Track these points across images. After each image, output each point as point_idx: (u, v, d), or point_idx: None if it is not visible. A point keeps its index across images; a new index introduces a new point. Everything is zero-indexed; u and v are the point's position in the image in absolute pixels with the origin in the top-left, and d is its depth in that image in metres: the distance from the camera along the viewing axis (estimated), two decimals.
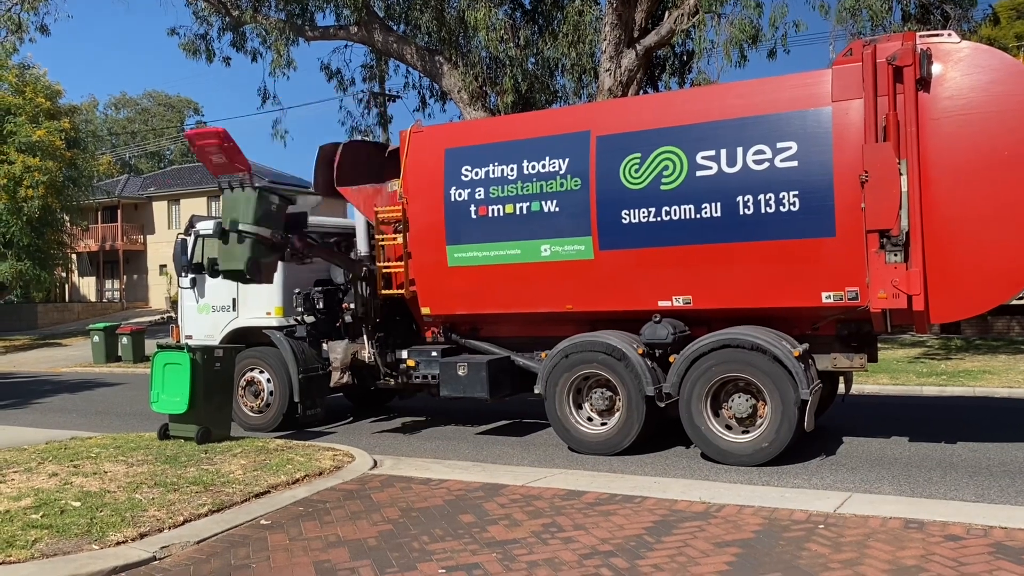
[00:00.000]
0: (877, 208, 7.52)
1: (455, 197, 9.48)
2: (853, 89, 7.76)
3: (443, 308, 9.84)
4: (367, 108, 24.44)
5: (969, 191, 7.44)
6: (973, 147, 7.44)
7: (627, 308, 8.82)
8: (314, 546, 5.64)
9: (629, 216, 8.60)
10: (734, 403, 8.19)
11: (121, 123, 68.96)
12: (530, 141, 9.23)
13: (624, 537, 5.58)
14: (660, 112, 8.85)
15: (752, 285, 8.22)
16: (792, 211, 7.92)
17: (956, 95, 7.50)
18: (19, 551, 5.31)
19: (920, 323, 7.94)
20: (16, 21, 20.58)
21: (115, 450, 8.66)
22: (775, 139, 8.01)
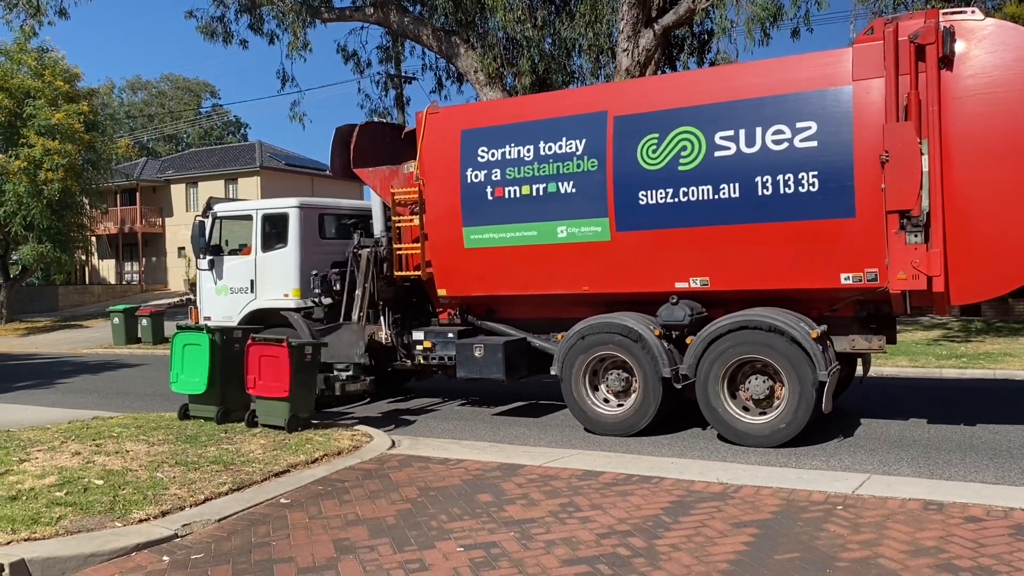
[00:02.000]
0: (897, 188, 7.43)
1: (471, 178, 9.46)
2: (874, 68, 7.64)
3: (460, 290, 9.84)
4: (384, 90, 24.44)
5: (992, 171, 7.33)
6: (997, 126, 7.32)
7: (644, 290, 8.77)
8: (333, 524, 5.69)
9: (646, 197, 8.54)
10: (751, 385, 8.16)
11: (138, 106, 69.26)
12: (547, 122, 9.16)
13: (641, 517, 5.59)
14: (678, 92, 8.78)
15: (770, 266, 8.16)
16: (811, 192, 7.84)
17: (980, 73, 7.37)
18: (44, 528, 5.39)
19: (940, 304, 7.87)
20: (35, 4, 20.66)
21: (136, 430, 8.76)
22: (794, 119, 7.92)
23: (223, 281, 11.45)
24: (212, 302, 11.53)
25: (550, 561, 4.84)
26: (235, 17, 21.30)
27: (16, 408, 11.51)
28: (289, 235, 10.93)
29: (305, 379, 8.79)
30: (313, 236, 11.07)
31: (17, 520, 5.48)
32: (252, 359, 8.73)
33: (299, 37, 20.25)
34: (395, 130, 11.07)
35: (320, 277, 10.74)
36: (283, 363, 8.51)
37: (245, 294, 11.25)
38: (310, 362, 8.88)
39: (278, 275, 10.92)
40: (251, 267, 11.11)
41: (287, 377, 8.48)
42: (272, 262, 11.04)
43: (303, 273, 10.83)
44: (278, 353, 8.58)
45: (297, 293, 10.88)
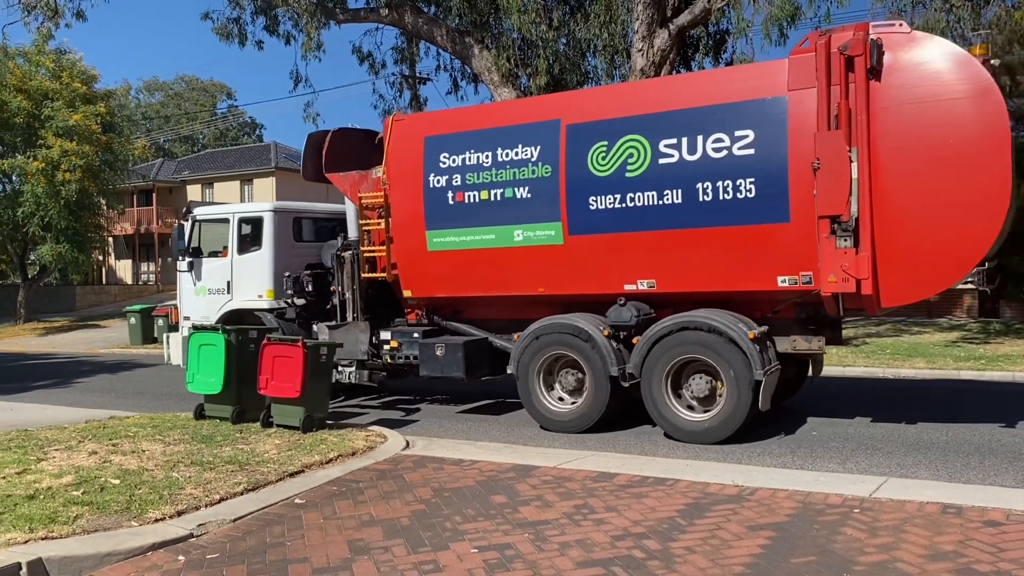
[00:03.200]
0: (828, 195, 7.67)
1: (434, 183, 9.76)
2: (807, 79, 7.89)
3: (424, 291, 10.16)
4: (399, 91, 24.48)
5: (917, 178, 7.58)
6: (921, 135, 7.57)
7: (595, 291, 9.05)
8: (348, 525, 5.70)
9: (596, 202, 8.83)
10: (694, 383, 8.48)
11: (155, 107, 69.69)
12: (504, 129, 9.49)
13: (656, 519, 5.57)
14: (626, 101, 9.07)
15: (712, 269, 8.44)
16: (749, 198, 8.11)
17: (905, 84, 7.63)
18: (61, 527, 5.42)
19: (870, 307, 8.08)
20: (53, 7, 20.80)
21: (152, 429, 8.80)
22: (733, 127, 8.18)
23: (202, 282, 11.86)
24: (191, 302, 11.95)
25: (564, 563, 4.83)
26: (251, 19, 21.39)
27: (34, 407, 11.60)
28: (263, 238, 11.35)
29: (319, 380, 8.81)
30: (287, 239, 11.49)
31: (35, 519, 5.52)
32: (266, 359, 8.76)
33: (313, 38, 20.30)
34: (368, 135, 11.26)
35: (292, 279, 11.11)
36: (297, 363, 8.53)
37: (222, 295, 11.65)
38: (324, 363, 8.90)
39: (253, 277, 11.34)
40: (228, 269, 11.57)
41: (300, 378, 8.50)
42: (247, 264, 11.46)
43: (276, 275, 11.23)
44: (292, 353, 8.60)
45: (271, 294, 11.28)
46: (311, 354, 8.63)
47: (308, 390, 8.56)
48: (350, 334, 10.73)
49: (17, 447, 7.90)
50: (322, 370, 8.85)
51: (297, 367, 8.49)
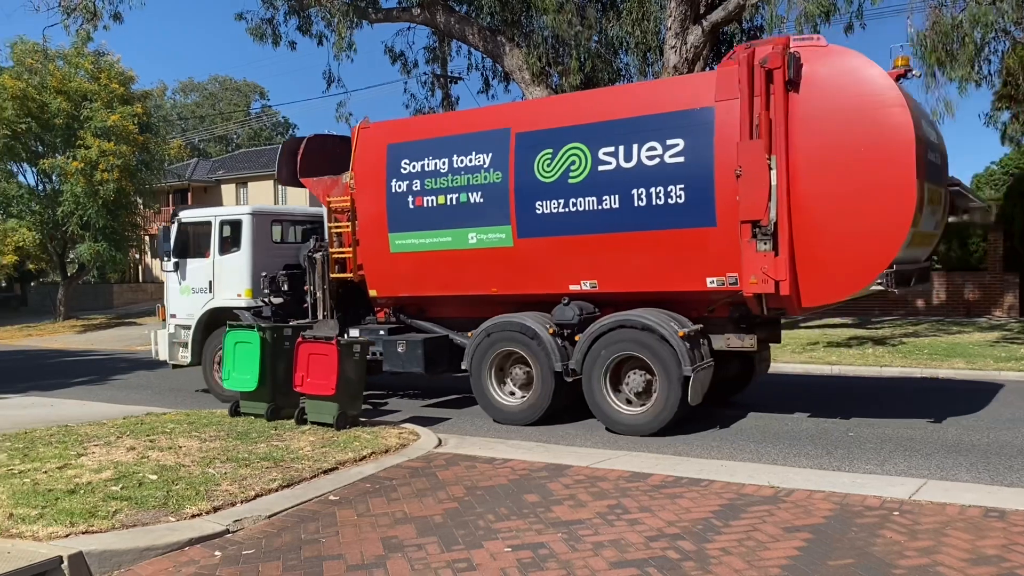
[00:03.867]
0: (749, 200, 8.06)
1: (395, 188, 10.26)
2: (732, 90, 8.26)
3: (388, 291, 10.68)
4: (431, 90, 24.54)
5: (830, 185, 7.96)
6: (835, 144, 7.95)
7: (543, 291, 9.51)
8: (381, 522, 5.72)
9: (542, 207, 9.28)
10: (631, 379, 8.93)
11: (190, 108, 70.59)
12: (459, 137, 9.94)
13: (691, 520, 5.52)
14: (570, 111, 9.47)
15: (647, 271, 8.89)
16: (679, 203, 8.54)
17: (821, 95, 8.03)
18: (101, 521, 5.50)
19: (791, 307, 8.46)
20: (92, 9, 21.11)
21: (189, 426, 8.91)
22: (665, 136, 8.61)
23: (186, 282, 12.41)
24: (177, 301, 12.51)
25: (598, 563, 4.80)
26: (284, 19, 21.56)
27: (74, 403, 11.79)
28: (242, 240, 11.84)
29: (353, 377, 8.86)
30: (265, 241, 11.99)
31: (75, 513, 5.61)
32: (301, 357, 8.83)
33: (345, 38, 20.39)
34: (343, 142, 11.50)
35: (269, 279, 11.59)
36: (332, 361, 8.58)
37: (205, 294, 12.18)
38: (358, 360, 8.95)
39: (233, 276, 11.88)
40: (210, 269, 12.12)
41: (335, 375, 8.55)
42: (227, 265, 11.97)
43: (254, 275, 11.72)
44: (327, 351, 8.66)
45: (249, 293, 11.78)
46: (345, 352, 8.68)
47: (342, 387, 8.62)
48: (320, 332, 10.92)
49: (58, 442, 8.05)
50: (356, 368, 8.90)
51: (332, 365, 8.55)
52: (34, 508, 5.73)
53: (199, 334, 12.23)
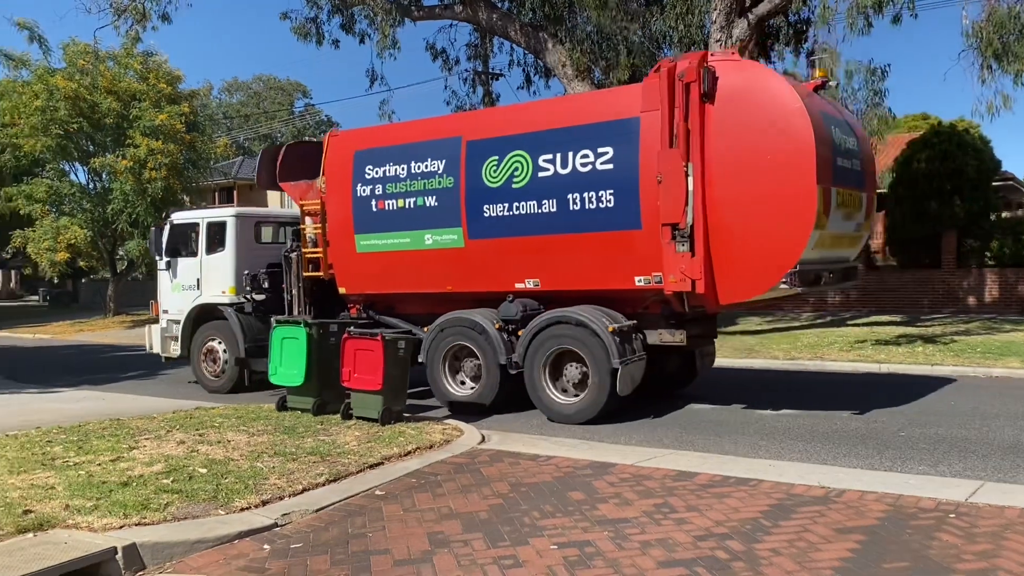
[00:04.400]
0: (668, 205, 8.68)
1: (360, 192, 10.94)
2: (655, 102, 8.81)
3: (355, 288, 11.35)
4: (472, 87, 24.60)
5: (740, 191, 8.51)
6: (744, 151, 8.51)
7: (492, 289, 10.11)
8: (427, 517, 5.74)
9: (489, 210, 9.90)
10: (568, 371, 9.48)
11: (235, 107, 71.58)
12: (417, 144, 10.60)
13: (739, 520, 5.45)
14: (514, 120, 10.15)
15: (583, 270, 9.48)
16: (609, 207, 9.13)
17: (732, 106, 8.59)
18: (153, 513, 5.60)
19: (709, 304, 9.02)
20: (141, 10, 21.52)
21: (237, 420, 9.04)
22: (597, 145, 9.19)
23: (177, 280, 13.17)
24: (169, 297, 13.31)
25: (646, 562, 4.76)
26: (327, 18, 21.76)
27: (125, 397, 12.03)
28: (227, 240, 12.54)
29: (398, 373, 8.91)
30: (249, 241, 12.65)
31: (128, 505, 5.71)
32: (348, 352, 8.91)
33: (388, 36, 20.51)
34: (318, 148, 11.93)
35: (250, 277, 12.24)
36: (377, 357, 8.64)
37: (193, 291, 12.90)
38: (403, 356, 9.00)
39: (218, 275, 12.58)
40: (198, 268, 12.85)
41: (381, 370, 8.61)
42: (214, 263, 12.67)
43: (238, 273, 12.39)
44: (373, 347, 8.72)
45: (232, 290, 12.45)
46: (390, 348, 8.73)
47: (388, 383, 8.67)
48: None
49: (111, 435, 8.21)
50: (401, 363, 8.95)
51: (378, 360, 8.61)
52: (89, 500, 5.85)
53: (188, 328, 12.90)
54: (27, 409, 10.65)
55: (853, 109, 14.40)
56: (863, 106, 14.28)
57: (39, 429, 8.71)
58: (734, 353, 15.14)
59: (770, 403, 10.28)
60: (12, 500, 5.85)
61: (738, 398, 10.73)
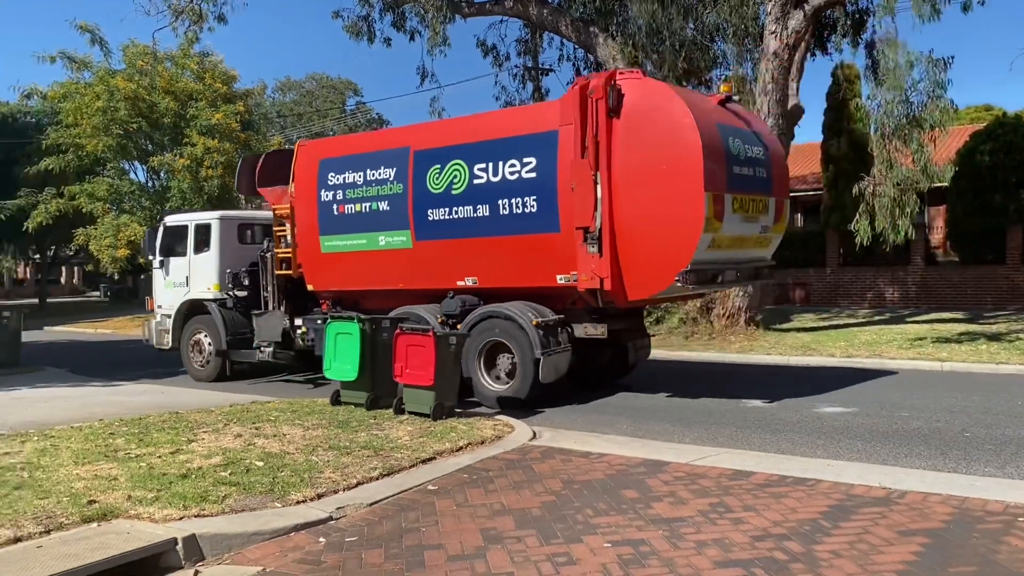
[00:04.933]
0: (580, 210, 9.51)
1: (324, 198, 11.94)
2: (571, 116, 9.60)
3: (321, 285, 12.35)
4: (522, 83, 24.57)
5: (642, 197, 9.29)
6: (643, 162, 9.29)
7: (438, 286, 11.02)
8: (480, 513, 5.74)
9: (433, 214, 10.81)
10: (501, 361, 10.34)
11: (288, 106, 72.60)
12: (372, 154, 11.55)
13: (798, 520, 5.34)
14: (454, 132, 11.11)
15: (513, 269, 10.32)
16: (533, 212, 9.99)
17: (634, 121, 9.39)
18: (212, 505, 5.70)
19: (618, 300, 9.82)
20: (198, 12, 21.96)
21: (292, 414, 9.17)
22: (522, 155, 10.03)
23: (169, 277, 14.20)
24: (162, 293, 14.34)
25: (702, 562, 4.69)
26: (379, 16, 21.92)
27: (183, 391, 12.30)
28: (211, 241, 13.59)
29: (449, 368, 8.93)
30: (232, 242, 13.66)
31: (188, 497, 5.82)
32: (400, 348, 8.97)
33: (438, 33, 20.58)
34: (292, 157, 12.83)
35: (232, 275, 13.26)
36: (429, 352, 8.68)
37: (183, 287, 13.93)
38: (454, 352, 9.02)
39: (204, 273, 13.61)
40: (187, 266, 13.89)
41: (432, 366, 8.64)
42: (200, 263, 13.72)
43: (221, 271, 13.43)
44: (424, 343, 8.76)
45: (216, 287, 13.49)
46: (441, 344, 8.76)
47: (439, 378, 8.71)
48: (269, 321, 12.95)
49: (170, 428, 8.40)
50: (452, 359, 8.98)
51: (429, 356, 8.65)
52: (150, 491, 5.98)
53: (178, 322, 13.97)
54: (90, 402, 10.96)
55: (913, 100, 13.97)
56: (924, 97, 13.84)
57: (102, 421, 8.95)
58: (789, 351, 14.88)
59: (827, 401, 10.08)
60: (77, 490, 6.01)
61: (793, 396, 10.55)
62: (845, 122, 22.74)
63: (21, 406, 10.67)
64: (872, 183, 14.53)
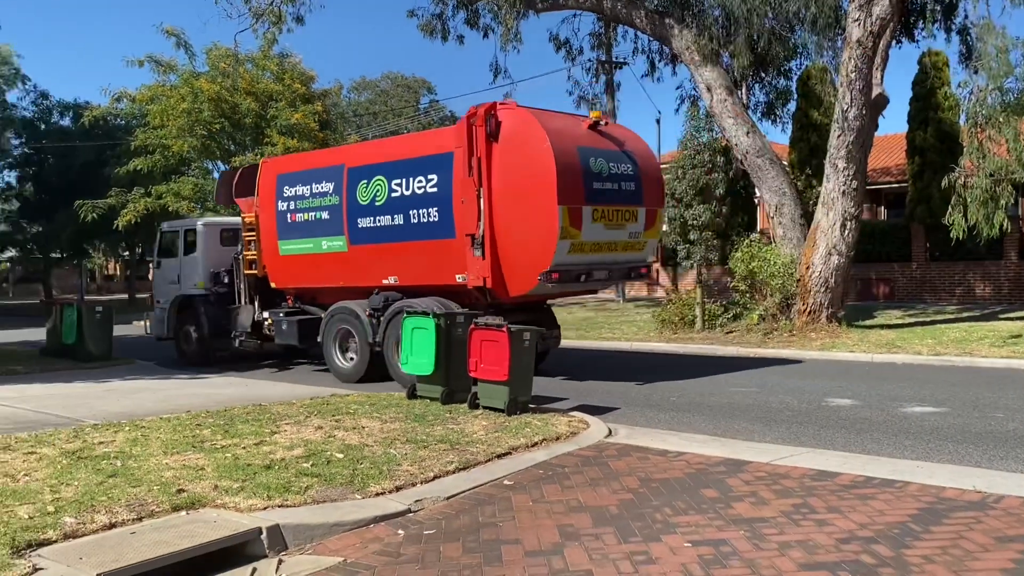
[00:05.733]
0: (468, 220, 11.21)
1: (280, 207, 13.90)
2: (462, 140, 11.26)
3: (281, 283, 14.31)
4: (595, 76, 24.44)
5: (513, 209, 10.99)
6: (514, 180, 10.97)
7: (368, 284, 12.68)
8: (556, 510, 5.71)
9: (362, 223, 12.62)
10: None
11: (363, 105, 73.78)
12: (317, 170, 13.50)
13: (886, 524, 5.16)
14: (379, 152, 13.24)
15: (423, 270, 12.00)
16: (435, 221, 11.70)
17: (507, 145, 11.03)
18: (294, 496, 5.82)
19: (501, 296, 11.43)
20: (277, 13, 22.49)
21: (370, 407, 9.31)
22: (427, 173, 11.79)
23: (165, 275, 16.54)
24: (160, 290, 16.71)
25: (786, 564, 4.57)
26: (452, 13, 22.08)
27: (265, 384, 12.63)
28: (197, 244, 15.83)
29: (523, 363, 8.93)
30: (215, 245, 15.79)
31: (271, 487, 5.96)
32: (475, 343, 9.01)
33: (511, 29, 20.61)
34: None
35: (213, 274, 15.47)
36: (503, 347, 8.70)
37: (176, 285, 16.15)
38: (528, 347, 9.01)
39: (192, 272, 15.82)
40: (178, 266, 16.16)
41: (507, 361, 8.66)
42: (189, 263, 15.96)
43: (205, 271, 15.62)
44: (499, 338, 8.78)
45: (201, 285, 15.65)
46: (516, 339, 8.77)
47: (514, 373, 8.72)
48: (241, 314, 15.08)
49: (254, 420, 8.62)
50: (526, 354, 8.97)
51: (504, 351, 8.66)
52: (235, 481, 6.14)
53: (172, 314, 16.05)
54: (178, 394, 11.34)
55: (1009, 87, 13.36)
56: (1020, 84, 13.21)
57: (189, 413, 9.25)
58: (873, 348, 14.43)
59: (915, 400, 9.74)
60: (167, 479, 6.22)
61: (878, 395, 10.22)
62: (932, 111, 21.91)
63: (114, 397, 11.11)
64: (963, 174, 13.96)
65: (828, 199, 16.06)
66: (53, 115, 41.83)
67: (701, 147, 24.69)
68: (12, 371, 14.08)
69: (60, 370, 14.34)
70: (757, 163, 17.81)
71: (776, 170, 17.81)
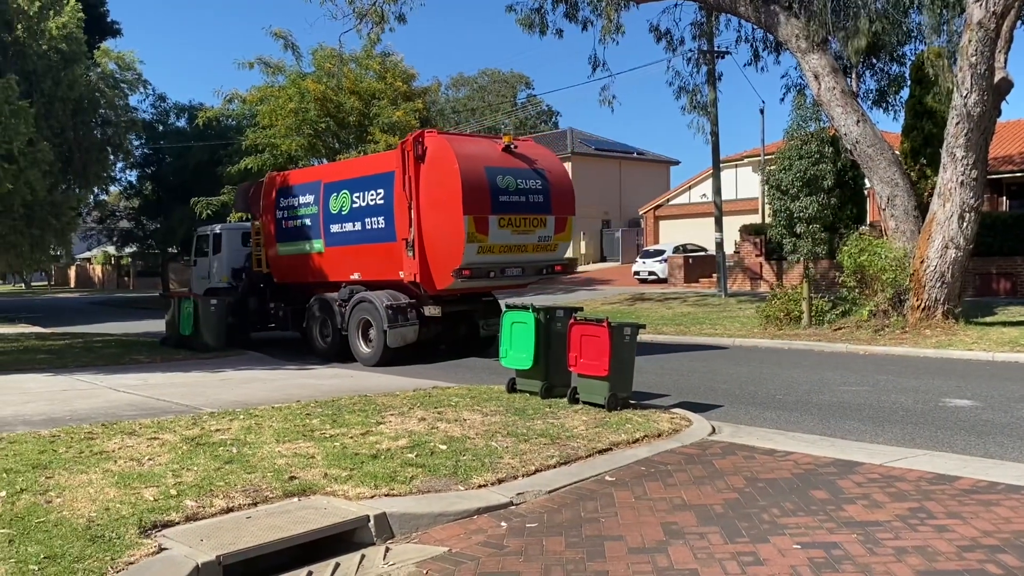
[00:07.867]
0: (403, 227, 13.91)
1: (278, 216, 16.92)
2: (399, 162, 13.90)
3: (280, 279, 17.32)
4: (696, 67, 24.00)
5: (435, 218, 13.53)
6: (433, 195, 13.50)
7: (340, 279, 15.51)
8: (659, 507, 5.65)
9: (334, 228, 15.49)
10: (370, 332, 14.63)
11: (461, 101, 74.61)
12: (302, 184, 16.50)
13: (1012, 532, 4.89)
14: (345, 170, 16.16)
15: (377, 267, 14.65)
16: (382, 227, 14.44)
17: (430, 166, 13.54)
18: (400, 485, 5.95)
19: (431, 290, 13.96)
20: (380, 13, 22.90)
21: (471, 400, 9.42)
22: (377, 188, 14.58)
23: (200, 272, 19.95)
24: (197, 284, 20.06)
25: (902, 570, 4.40)
26: (551, 7, 22.02)
27: (370, 375, 12.93)
28: (222, 245, 19.32)
29: (624, 359, 8.86)
30: (237, 245, 19.17)
31: (378, 477, 6.11)
32: (574, 338, 8.99)
33: (612, 20, 20.42)
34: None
35: (233, 270, 18.93)
36: (603, 343, 8.64)
37: (207, 279, 19.52)
38: (628, 343, 8.93)
39: (219, 268, 19.26)
40: (210, 263, 19.59)
41: (607, 356, 8.61)
42: (216, 261, 19.37)
43: (228, 267, 19.09)
44: (599, 333, 8.73)
45: (226, 279, 19.05)
46: (616, 334, 8.70)
47: (614, 369, 8.66)
48: (252, 303, 18.03)
49: (360, 411, 8.85)
50: (626, 350, 8.89)
51: (604, 346, 8.61)
52: (344, 469, 6.33)
53: None
54: (287, 384, 11.75)
55: None
56: None
57: (298, 403, 9.57)
58: (993, 346, 13.68)
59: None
60: (279, 466, 6.45)
61: (1001, 395, 9.69)
62: None
63: (228, 386, 11.61)
64: None
65: (945, 190, 15.30)
66: (170, 117, 43.90)
67: (808, 137, 23.95)
68: (136, 360, 14.94)
69: (178, 360, 15.09)
70: (868, 153, 17.11)
71: (888, 160, 17.07)
